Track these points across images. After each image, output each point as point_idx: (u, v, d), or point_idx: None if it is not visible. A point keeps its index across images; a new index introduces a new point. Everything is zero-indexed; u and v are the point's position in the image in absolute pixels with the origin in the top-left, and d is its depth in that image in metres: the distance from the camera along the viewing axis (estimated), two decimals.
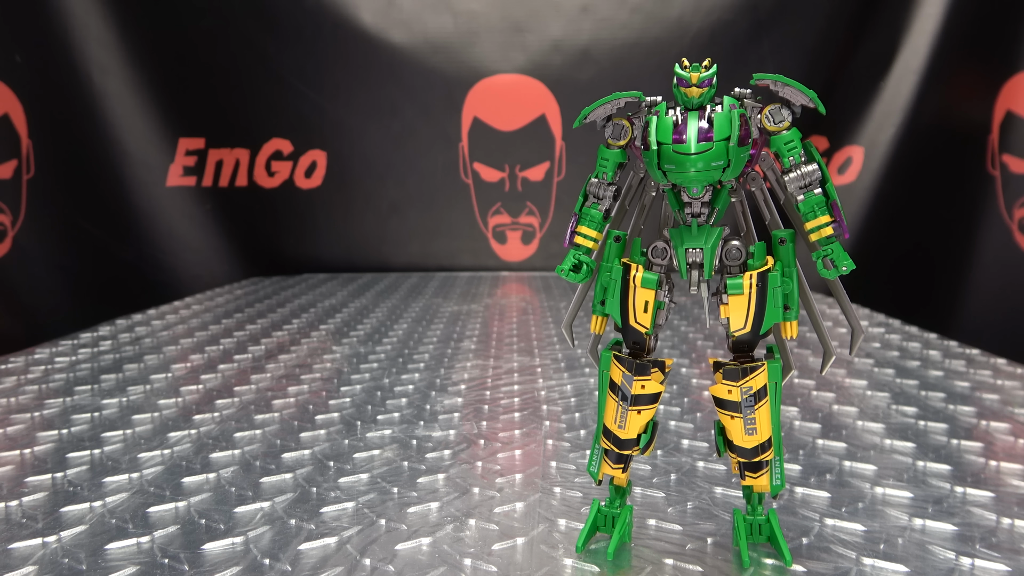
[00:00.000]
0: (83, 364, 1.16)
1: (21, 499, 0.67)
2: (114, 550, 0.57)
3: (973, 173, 1.68)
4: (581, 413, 0.90)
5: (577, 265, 0.54)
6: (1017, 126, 1.58)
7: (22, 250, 1.57)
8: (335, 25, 2.05)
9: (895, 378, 1.07)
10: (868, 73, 1.95)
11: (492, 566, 0.54)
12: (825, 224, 0.49)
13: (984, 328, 1.58)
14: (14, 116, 1.60)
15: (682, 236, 0.52)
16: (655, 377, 0.53)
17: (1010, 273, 1.58)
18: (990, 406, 0.94)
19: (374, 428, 0.85)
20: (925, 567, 0.54)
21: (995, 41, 1.65)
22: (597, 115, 0.53)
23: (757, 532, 0.57)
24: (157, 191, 2.03)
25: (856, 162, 2.00)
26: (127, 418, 0.90)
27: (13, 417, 0.90)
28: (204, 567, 0.55)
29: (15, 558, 0.56)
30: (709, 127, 0.49)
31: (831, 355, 0.54)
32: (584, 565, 0.55)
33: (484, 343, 1.29)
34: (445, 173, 2.22)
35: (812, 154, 0.50)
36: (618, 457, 0.55)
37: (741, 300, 0.51)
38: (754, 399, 0.51)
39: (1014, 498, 0.67)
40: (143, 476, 0.72)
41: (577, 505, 0.65)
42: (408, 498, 0.66)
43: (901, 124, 1.89)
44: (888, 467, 0.74)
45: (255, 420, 0.89)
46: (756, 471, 0.54)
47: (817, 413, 0.91)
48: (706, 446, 0.79)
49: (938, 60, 1.82)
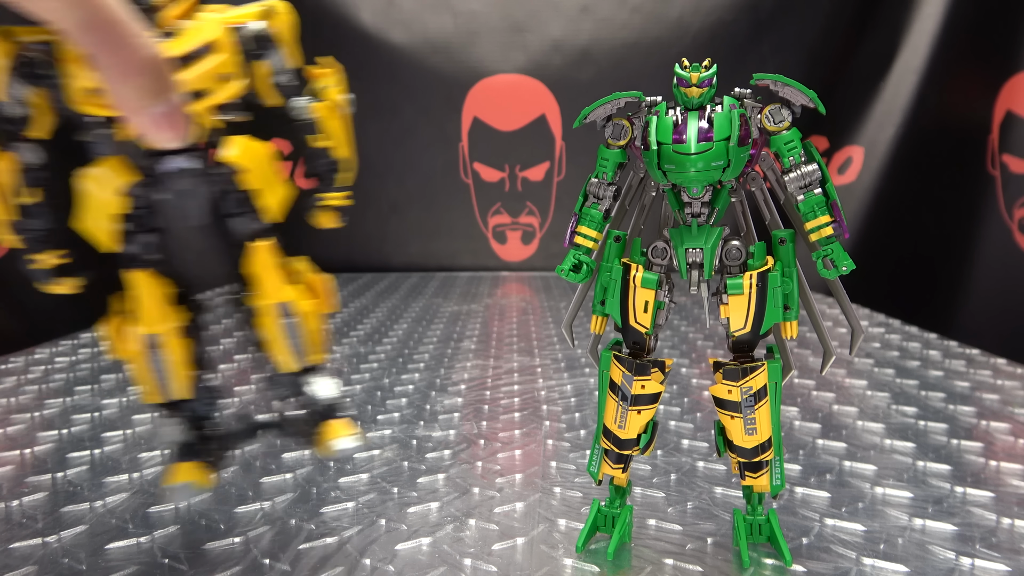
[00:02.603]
0: (83, 364, 1.16)
1: (21, 499, 0.67)
2: (114, 550, 0.57)
3: (973, 173, 1.67)
4: (581, 413, 0.90)
5: (577, 265, 0.54)
6: (1017, 126, 1.58)
7: (22, 250, 1.57)
8: (335, 25, 2.05)
9: (895, 378, 1.07)
10: (868, 73, 1.95)
11: (492, 566, 0.54)
12: (825, 224, 0.49)
13: (984, 328, 1.58)
14: None
15: (682, 236, 0.52)
16: (655, 377, 0.53)
17: (1010, 273, 1.58)
18: (990, 406, 0.94)
19: (374, 428, 0.85)
20: (925, 567, 0.54)
21: (995, 41, 1.65)
22: (597, 115, 0.53)
23: (757, 532, 0.57)
24: None
25: (856, 162, 2.00)
26: (127, 418, 0.90)
27: (13, 417, 0.90)
28: (204, 567, 0.55)
29: (15, 558, 0.56)
30: (709, 127, 0.49)
31: (831, 355, 0.54)
32: (584, 565, 0.55)
33: (484, 343, 1.29)
34: (445, 173, 2.21)
35: (812, 154, 0.50)
36: (618, 457, 0.55)
37: (741, 300, 0.51)
38: (754, 399, 0.51)
39: (1014, 498, 0.67)
40: (143, 476, 0.72)
41: (577, 505, 0.65)
42: (408, 498, 0.66)
43: (901, 124, 1.89)
44: (888, 467, 0.74)
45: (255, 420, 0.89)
46: (756, 471, 0.54)
47: (817, 413, 0.91)
48: (706, 446, 0.79)
49: (938, 60, 1.82)
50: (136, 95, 0.41)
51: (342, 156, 0.54)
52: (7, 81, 0.46)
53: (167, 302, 0.50)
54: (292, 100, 0.53)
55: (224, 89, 0.48)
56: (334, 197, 0.54)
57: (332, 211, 0.54)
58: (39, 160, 0.48)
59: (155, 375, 0.51)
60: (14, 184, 0.47)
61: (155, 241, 0.50)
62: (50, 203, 0.48)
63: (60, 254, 0.49)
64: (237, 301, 0.54)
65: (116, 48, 0.40)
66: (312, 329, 0.53)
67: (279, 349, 0.52)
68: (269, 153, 0.51)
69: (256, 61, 0.51)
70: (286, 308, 0.52)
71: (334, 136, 0.54)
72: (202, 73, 0.47)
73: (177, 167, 0.49)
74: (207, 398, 0.54)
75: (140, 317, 0.50)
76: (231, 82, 0.48)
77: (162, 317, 0.50)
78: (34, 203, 0.48)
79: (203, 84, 0.47)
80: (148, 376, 0.51)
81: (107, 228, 0.48)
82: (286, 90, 0.53)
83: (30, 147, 0.47)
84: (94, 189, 0.48)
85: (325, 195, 0.54)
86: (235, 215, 0.51)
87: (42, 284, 0.49)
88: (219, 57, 0.48)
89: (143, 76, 0.41)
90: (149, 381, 0.51)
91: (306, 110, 0.53)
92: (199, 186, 0.50)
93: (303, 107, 0.53)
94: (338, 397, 0.54)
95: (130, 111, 0.42)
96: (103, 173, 0.48)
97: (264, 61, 0.51)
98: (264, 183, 0.51)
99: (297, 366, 0.53)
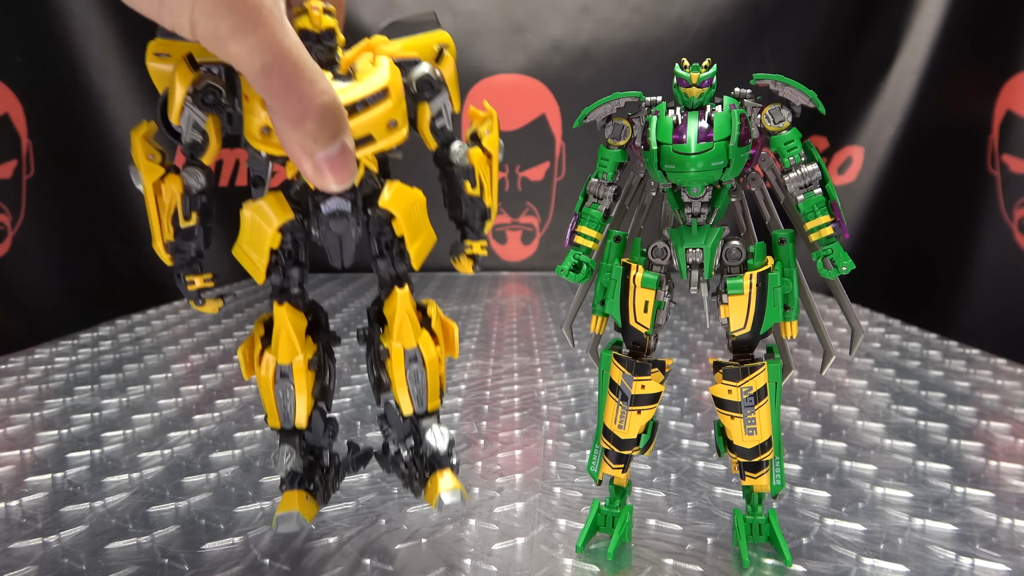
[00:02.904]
0: (83, 364, 1.16)
1: (21, 499, 0.67)
2: (114, 550, 0.57)
3: (973, 173, 1.67)
4: (581, 413, 0.90)
5: (577, 265, 0.54)
6: (1017, 126, 1.58)
7: (22, 250, 1.57)
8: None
9: (895, 378, 1.07)
10: (868, 73, 1.95)
11: (492, 566, 0.54)
12: (825, 224, 0.49)
13: (984, 328, 1.58)
14: (14, 116, 1.60)
15: (682, 236, 0.52)
16: (655, 377, 0.53)
17: (1010, 273, 1.58)
18: (990, 406, 0.94)
19: (374, 428, 0.85)
20: (925, 567, 0.54)
21: (995, 41, 1.65)
22: (597, 115, 0.53)
23: (757, 532, 0.57)
24: None
25: (856, 162, 2.00)
26: (127, 418, 0.90)
27: (13, 417, 0.90)
28: (204, 567, 0.55)
29: (15, 558, 0.56)
30: (709, 127, 0.49)
31: (831, 355, 0.54)
32: (584, 565, 0.55)
33: (484, 343, 1.29)
34: None
35: (812, 154, 0.50)
36: (618, 457, 0.55)
37: (741, 300, 0.51)
38: (754, 399, 0.51)
39: (1014, 498, 0.67)
40: (143, 476, 0.72)
41: (577, 505, 0.65)
42: (408, 498, 0.66)
43: (901, 124, 1.89)
44: (888, 467, 0.74)
45: (255, 420, 0.89)
46: (756, 471, 0.54)
47: (817, 413, 0.91)
48: (706, 446, 0.79)
49: (938, 60, 1.82)
50: (307, 140, 0.43)
51: (490, 205, 0.54)
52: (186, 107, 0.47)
53: (301, 334, 0.52)
54: (451, 145, 0.52)
55: (390, 136, 0.48)
56: (478, 245, 0.54)
57: (472, 259, 0.54)
58: (203, 185, 0.48)
59: (280, 403, 0.52)
60: (178, 206, 0.48)
61: (299, 276, 0.52)
62: (205, 227, 0.49)
63: (206, 277, 0.50)
64: (369, 338, 0.56)
65: (293, 93, 0.41)
66: (434, 376, 0.54)
67: (400, 392, 0.53)
68: (420, 200, 0.52)
69: (421, 103, 0.51)
70: (414, 354, 0.53)
71: (486, 184, 0.53)
72: (372, 119, 0.47)
73: (335, 208, 0.50)
74: (324, 430, 0.55)
75: (276, 346, 0.51)
76: (397, 129, 0.49)
77: (295, 348, 0.51)
78: (191, 226, 0.49)
79: (371, 130, 0.47)
80: (273, 402, 0.53)
81: (261, 259, 0.50)
82: (444, 134, 0.52)
83: (197, 172, 0.48)
84: (255, 221, 0.49)
85: (472, 243, 0.54)
86: (382, 257, 0.53)
87: (193, 303, 0.50)
88: (389, 104, 0.48)
89: (315, 122, 0.42)
90: (273, 407, 0.53)
91: (464, 157, 0.52)
92: (353, 227, 0.51)
93: (462, 154, 0.52)
94: (449, 448, 0.54)
95: (299, 155, 0.44)
96: (265, 206, 0.49)
97: (427, 103, 0.51)
98: (412, 230, 0.52)
99: (416, 411, 0.54)
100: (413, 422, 0.55)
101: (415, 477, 0.55)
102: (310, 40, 0.48)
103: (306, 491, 0.53)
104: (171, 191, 0.48)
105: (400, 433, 0.56)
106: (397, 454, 0.56)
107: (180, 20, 0.39)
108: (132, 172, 0.48)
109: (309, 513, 0.53)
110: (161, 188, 0.48)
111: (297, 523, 0.52)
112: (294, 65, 0.41)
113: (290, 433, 0.54)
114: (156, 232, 0.48)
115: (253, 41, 0.39)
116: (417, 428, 0.55)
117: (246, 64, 0.41)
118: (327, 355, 0.55)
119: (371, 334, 0.55)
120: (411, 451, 0.55)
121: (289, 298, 0.52)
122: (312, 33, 0.49)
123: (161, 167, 0.48)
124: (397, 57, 0.50)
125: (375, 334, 0.55)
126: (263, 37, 0.40)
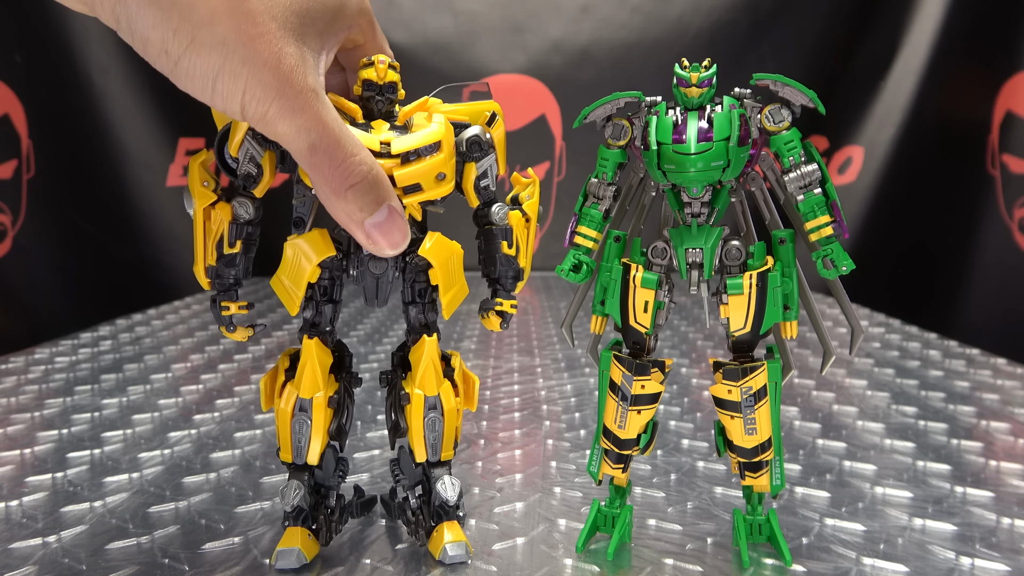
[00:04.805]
0: (83, 364, 1.16)
1: (21, 499, 0.67)
2: (114, 550, 0.57)
3: (973, 173, 1.67)
4: (581, 413, 0.90)
5: (577, 265, 0.54)
6: (1017, 126, 1.58)
7: (22, 250, 1.57)
8: None
9: (895, 378, 1.07)
10: (868, 73, 1.95)
11: (492, 566, 0.54)
12: (825, 224, 0.49)
13: (984, 328, 1.58)
14: (14, 116, 1.60)
15: (682, 236, 0.52)
16: (655, 377, 0.53)
17: (1010, 273, 1.58)
18: (990, 406, 0.94)
19: (374, 428, 0.85)
20: (925, 567, 0.54)
21: (995, 41, 1.65)
22: (597, 115, 0.53)
23: (757, 532, 0.57)
24: (157, 191, 2.02)
25: (856, 162, 2.00)
26: (127, 418, 0.90)
27: (13, 417, 0.90)
28: (204, 567, 0.55)
29: (15, 558, 0.56)
30: (709, 127, 0.49)
31: (831, 355, 0.54)
32: (584, 565, 0.55)
33: (484, 343, 1.29)
34: None
35: (812, 154, 0.50)
36: (618, 457, 0.55)
37: (741, 300, 0.51)
38: (754, 399, 0.51)
39: (1014, 498, 0.67)
40: (143, 476, 0.72)
41: (577, 505, 0.65)
42: None
43: (901, 124, 1.89)
44: (888, 467, 0.74)
45: (255, 420, 0.89)
46: (756, 471, 0.54)
47: (817, 413, 0.91)
48: (706, 446, 0.79)
49: (938, 60, 1.82)
50: (352, 208, 0.45)
51: (523, 266, 0.55)
52: (246, 140, 0.48)
53: (326, 370, 0.53)
54: (492, 205, 0.53)
55: (438, 187, 0.50)
56: (508, 304, 0.55)
57: (500, 316, 0.55)
58: (251, 216, 0.50)
59: (295, 436, 0.53)
60: (224, 233, 0.49)
61: (331, 313, 0.54)
62: (247, 256, 0.51)
63: (241, 304, 0.51)
64: (391, 381, 0.56)
65: (335, 166, 0.44)
66: (451, 426, 0.55)
67: (416, 439, 0.54)
68: (458, 253, 0.53)
69: (468, 163, 0.52)
70: (434, 402, 0.54)
71: (522, 246, 0.54)
72: (423, 169, 0.49)
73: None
74: (334, 470, 0.56)
75: (299, 380, 0.52)
76: (445, 182, 0.50)
77: (318, 384, 0.52)
78: (235, 253, 0.50)
79: (421, 179, 0.49)
80: (288, 436, 0.53)
81: (298, 291, 0.51)
82: (487, 194, 0.54)
83: (247, 202, 0.50)
84: (297, 256, 0.51)
85: (503, 301, 0.55)
86: (414, 304, 0.55)
87: (224, 329, 0.52)
88: (441, 156, 0.49)
89: (357, 191, 0.45)
90: (288, 441, 0.53)
91: (504, 218, 0.53)
92: (391, 271, 0.53)
93: (502, 215, 0.53)
94: (459, 499, 0.55)
95: (349, 225, 0.46)
96: (308, 243, 0.50)
97: (474, 163, 0.53)
98: (448, 281, 0.53)
99: (429, 459, 0.55)
100: (425, 470, 0.56)
101: (421, 525, 0.56)
102: (372, 90, 0.51)
103: (309, 529, 0.54)
104: (219, 218, 0.49)
105: (411, 480, 0.57)
106: (405, 500, 0.57)
107: (231, 105, 0.42)
108: (185, 197, 0.50)
109: (310, 551, 0.54)
110: (211, 214, 0.49)
111: (297, 560, 0.52)
112: (336, 140, 0.44)
113: (301, 468, 0.54)
114: (199, 256, 0.50)
115: (301, 122, 0.42)
116: (428, 476, 0.56)
117: (293, 143, 0.43)
118: (347, 395, 0.55)
119: (393, 378, 0.56)
120: (419, 499, 0.56)
121: (319, 334, 0.53)
122: (375, 84, 0.51)
123: (213, 194, 0.49)
124: (451, 118, 0.52)
125: (397, 378, 0.56)
126: (310, 117, 0.42)
